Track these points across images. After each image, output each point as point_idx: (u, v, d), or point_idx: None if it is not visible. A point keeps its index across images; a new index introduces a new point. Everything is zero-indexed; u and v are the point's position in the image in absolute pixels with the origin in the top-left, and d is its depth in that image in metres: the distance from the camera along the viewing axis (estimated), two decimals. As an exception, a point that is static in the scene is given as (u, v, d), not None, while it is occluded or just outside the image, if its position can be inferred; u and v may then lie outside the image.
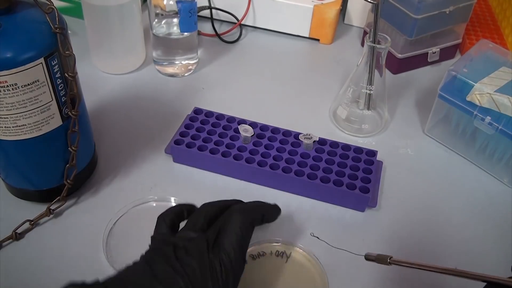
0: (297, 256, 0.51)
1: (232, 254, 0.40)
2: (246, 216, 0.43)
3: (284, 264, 0.50)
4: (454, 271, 0.34)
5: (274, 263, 0.50)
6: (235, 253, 0.40)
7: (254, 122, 0.62)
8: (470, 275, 0.32)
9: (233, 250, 0.40)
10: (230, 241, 0.41)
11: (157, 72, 0.75)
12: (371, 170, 0.57)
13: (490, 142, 0.61)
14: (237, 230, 0.41)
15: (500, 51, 0.65)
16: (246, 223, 0.43)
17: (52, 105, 0.47)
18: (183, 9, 0.67)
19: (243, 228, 0.42)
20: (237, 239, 0.41)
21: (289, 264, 0.50)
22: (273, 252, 0.51)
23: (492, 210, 0.58)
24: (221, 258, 0.40)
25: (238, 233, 0.41)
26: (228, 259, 0.40)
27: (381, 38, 0.61)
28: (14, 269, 0.49)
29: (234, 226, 0.42)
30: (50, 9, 0.45)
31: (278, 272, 0.49)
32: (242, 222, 0.42)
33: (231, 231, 0.41)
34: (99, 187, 0.57)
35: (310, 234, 0.51)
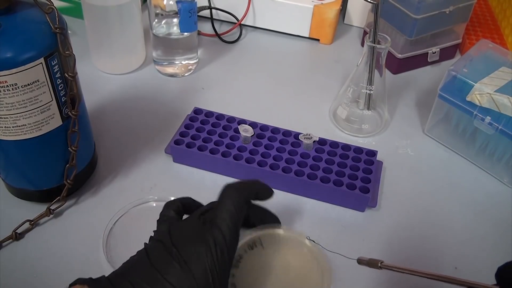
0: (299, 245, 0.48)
1: (226, 231, 0.39)
2: (239, 193, 0.41)
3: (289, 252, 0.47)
4: (442, 277, 0.35)
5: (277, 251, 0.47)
6: (229, 230, 0.39)
7: (254, 122, 0.62)
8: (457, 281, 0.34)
9: (227, 227, 0.39)
10: (223, 218, 0.40)
11: (157, 72, 0.75)
12: (371, 170, 0.57)
13: (490, 142, 0.61)
14: (230, 207, 0.40)
15: (500, 51, 0.65)
16: (240, 200, 0.41)
17: (52, 105, 0.47)
18: (183, 9, 0.67)
19: (236, 205, 0.40)
20: (230, 216, 0.40)
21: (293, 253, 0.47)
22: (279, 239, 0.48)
23: (492, 210, 0.58)
24: (215, 236, 0.39)
25: (231, 209, 0.40)
26: (222, 237, 0.39)
27: (381, 38, 0.61)
28: (14, 269, 0.49)
29: (227, 203, 0.41)
30: (50, 9, 0.45)
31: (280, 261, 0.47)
32: (236, 198, 0.41)
33: (223, 208, 0.40)
34: (99, 187, 0.57)
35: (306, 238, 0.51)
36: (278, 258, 0.46)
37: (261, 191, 0.44)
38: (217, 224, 0.39)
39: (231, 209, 0.40)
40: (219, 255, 0.38)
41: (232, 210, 0.40)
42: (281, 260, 0.46)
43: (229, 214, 0.40)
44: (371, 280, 0.50)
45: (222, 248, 0.38)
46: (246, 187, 0.43)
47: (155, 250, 0.39)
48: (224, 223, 0.39)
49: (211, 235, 0.38)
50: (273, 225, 0.47)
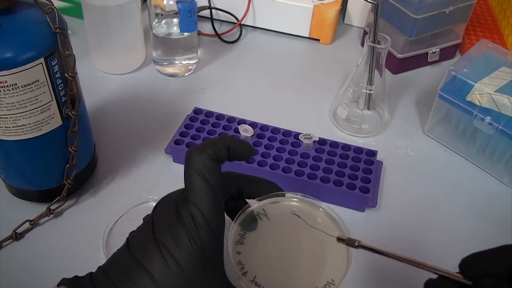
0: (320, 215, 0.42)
1: (199, 201, 0.33)
2: (203, 153, 0.35)
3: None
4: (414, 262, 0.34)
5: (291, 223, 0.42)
6: (203, 199, 0.33)
7: (254, 122, 0.62)
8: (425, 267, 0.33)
9: (200, 196, 0.33)
10: (193, 187, 0.34)
11: (157, 72, 0.75)
12: (371, 170, 0.57)
13: (490, 142, 0.61)
14: (197, 173, 0.34)
15: (500, 51, 0.65)
16: (205, 159, 0.34)
17: (52, 105, 0.47)
18: (183, 9, 0.67)
19: (204, 168, 0.34)
20: (201, 183, 0.33)
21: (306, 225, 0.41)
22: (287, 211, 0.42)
23: (492, 210, 0.58)
24: (189, 210, 0.33)
25: (199, 175, 0.34)
26: (196, 208, 0.33)
27: (381, 38, 0.61)
28: (14, 269, 0.49)
29: (192, 169, 0.34)
30: (50, 9, 0.45)
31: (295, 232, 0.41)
32: (201, 161, 0.34)
33: (190, 176, 0.34)
34: (99, 187, 0.57)
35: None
36: (288, 229, 0.41)
37: (234, 145, 0.36)
38: (188, 198, 0.34)
39: (199, 176, 0.34)
40: (200, 232, 0.32)
41: (201, 177, 0.34)
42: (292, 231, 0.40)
43: (199, 184, 0.34)
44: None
45: (203, 224, 0.33)
46: (208, 144, 0.36)
47: (135, 238, 0.35)
48: (196, 193, 0.33)
49: (186, 211, 0.33)
50: (277, 194, 0.41)
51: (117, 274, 0.33)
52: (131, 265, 0.33)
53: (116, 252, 0.36)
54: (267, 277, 0.37)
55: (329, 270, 0.38)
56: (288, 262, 0.39)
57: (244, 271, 0.37)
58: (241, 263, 0.38)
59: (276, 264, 0.38)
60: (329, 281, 0.37)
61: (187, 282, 0.32)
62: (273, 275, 0.38)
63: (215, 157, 0.35)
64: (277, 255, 0.39)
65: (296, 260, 0.39)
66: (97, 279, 0.34)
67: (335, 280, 0.37)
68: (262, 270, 0.38)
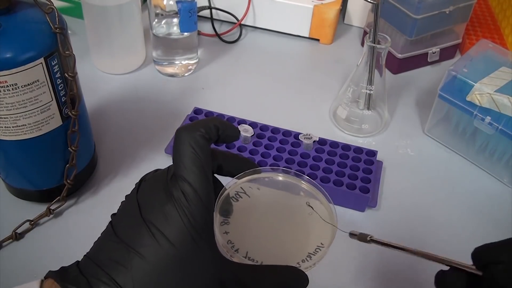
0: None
1: (191, 177, 0.33)
2: (194, 131, 0.35)
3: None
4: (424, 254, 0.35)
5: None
6: (195, 175, 0.33)
7: (254, 122, 0.62)
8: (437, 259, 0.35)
9: (191, 173, 0.33)
10: (184, 164, 0.33)
11: (157, 72, 0.75)
12: (371, 170, 0.57)
13: (490, 142, 0.61)
14: (188, 150, 0.34)
15: (500, 51, 0.65)
16: (197, 138, 0.34)
17: (52, 105, 0.47)
18: (183, 9, 0.67)
19: (195, 145, 0.34)
20: (192, 160, 0.33)
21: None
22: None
23: (492, 210, 0.58)
24: (180, 186, 0.33)
25: (190, 152, 0.34)
26: (188, 184, 0.33)
27: (381, 38, 0.61)
28: (14, 269, 0.49)
29: (183, 147, 0.34)
30: (50, 9, 0.45)
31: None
32: (192, 139, 0.34)
33: (181, 153, 0.34)
34: (99, 187, 0.57)
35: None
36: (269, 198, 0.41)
37: (223, 127, 0.37)
38: (180, 174, 0.33)
39: (191, 152, 0.34)
40: (193, 208, 0.32)
41: (192, 153, 0.34)
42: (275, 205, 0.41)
43: (190, 159, 0.33)
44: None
45: (194, 199, 0.32)
46: (199, 123, 0.36)
47: (120, 221, 0.34)
48: (188, 170, 0.33)
49: (177, 189, 0.33)
50: (253, 171, 0.41)
51: (106, 259, 0.32)
52: (121, 249, 0.32)
53: (100, 237, 0.35)
54: (259, 250, 0.37)
55: (317, 236, 0.39)
56: (276, 234, 0.39)
57: (235, 248, 0.37)
58: (230, 242, 0.37)
59: (265, 237, 0.39)
60: (319, 245, 0.38)
61: (181, 258, 0.32)
62: (264, 247, 0.38)
63: (207, 136, 0.35)
64: (264, 228, 0.39)
65: (283, 230, 0.39)
66: (85, 267, 0.33)
67: (324, 243, 0.38)
68: (252, 245, 0.38)
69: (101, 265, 0.32)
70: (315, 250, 0.38)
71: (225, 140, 0.38)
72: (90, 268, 0.32)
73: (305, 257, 0.37)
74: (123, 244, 0.32)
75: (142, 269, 0.31)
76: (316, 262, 0.37)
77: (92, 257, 0.33)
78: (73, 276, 0.32)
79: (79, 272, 0.33)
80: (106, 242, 0.34)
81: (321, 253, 0.37)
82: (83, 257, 0.34)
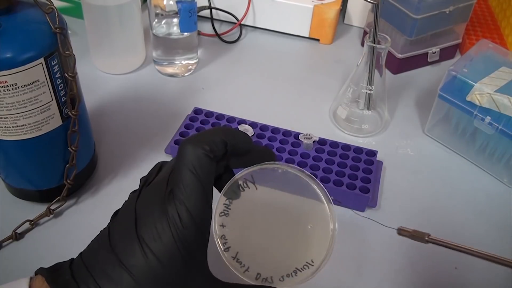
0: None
1: (188, 200, 0.31)
2: (198, 147, 0.32)
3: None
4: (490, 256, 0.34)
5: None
6: (192, 198, 0.31)
7: (254, 122, 0.62)
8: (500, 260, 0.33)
9: (189, 195, 0.31)
10: (183, 184, 0.32)
11: (157, 72, 0.75)
12: (371, 170, 0.57)
13: (490, 142, 0.61)
14: (188, 165, 0.32)
15: (500, 51, 0.65)
16: (200, 155, 0.32)
17: (52, 105, 0.47)
18: (183, 9, 0.67)
19: (197, 164, 0.32)
20: (192, 180, 0.32)
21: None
22: None
23: (492, 210, 0.58)
24: (176, 207, 0.31)
25: (191, 169, 0.32)
26: (184, 207, 0.31)
27: (381, 38, 0.61)
28: (14, 269, 0.49)
29: (184, 165, 0.32)
30: (50, 9, 0.45)
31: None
32: (195, 154, 0.32)
33: (181, 172, 0.32)
34: (99, 187, 0.57)
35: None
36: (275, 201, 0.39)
37: (233, 141, 0.34)
38: (176, 194, 0.32)
39: (192, 172, 0.32)
40: (186, 232, 0.31)
41: (193, 175, 0.32)
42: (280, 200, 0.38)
43: (190, 182, 0.32)
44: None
45: (189, 223, 0.31)
46: (205, 137, 0.34)
47: (117, 229, 0.33)
48: (186, 194, 0.31)
49: (173, 208, 0.31)
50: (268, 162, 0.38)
51: (97, 267, 0.32)
52: (111, 261, 0.32)
53: (97, 238, 0.34)
54: (249, 254, 0.36)
55: (312, 250, 0.37)
56: (272, 238, 0.38)
57: (227, 246, 0.36)
58: (224, 237, 0.36)
59: (259, 240, 0.37)
60: (309, 262, 0.36)
61: (169, 279, 0.31)
62: (255, 253, 0.37)
63: (211, 155, 0.33)
64: (261, 229, 0.38)
65: (278, 238, 0.38)
66: (77, 270, 0.33)
67: (315, 261, 0.36)
68: (244, 247, 0.36)
69: (92, 272, 0.32)
70: (303, 267, 0.36)
71: (235, 152, 0.35)
72: (82, 273, 0.32)
73: (291, 272, 0.36)
74: (114, 256, 0.32)
75: (130, 286, 0.31)
76: (299, 282, 0.35)
77: (85, 260, 0.33)
78: (64, 280, 0.32)
79: (71, 275, 0.32)
80: (100, 247, 0.33)
81: (307, 272, 0.36)
82: (77, 255, 0.34)
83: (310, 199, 0.38)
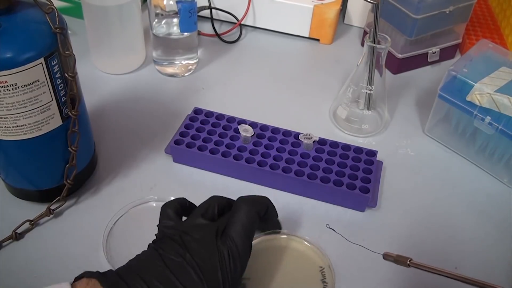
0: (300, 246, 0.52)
1: (239, 242, 0.41)
2: (251, 206, 0.44)
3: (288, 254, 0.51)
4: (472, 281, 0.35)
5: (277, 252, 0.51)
6: (242, 241, 0.41)
7: (254, 122, 0.62)
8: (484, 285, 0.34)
9: (240, 238, 0.41)
10: (237, 230, 0.41)
11: (157, 72, 0.75)
12: (371, 170, 0.57)
13: (490, 142, 0.61)
14: (243, 219, 0.42)
15: (500, 51, 0.65)
16: (252, 212, 0.43)
17: (52, 105, 0.47)
18: (183, 9, 0.67)
19: (249, 217, 0.43)
20: (243, 228, 0.42)
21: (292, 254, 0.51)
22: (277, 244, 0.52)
23: (492, 210, 0.58)
24: (228, 246, 0.40)
25: (244, 221, 0.42)
26: (235, 247, 0.40)
27: (381, 38, 0.61)
28: (14, 269, 0.49)
29: (240, 215, 0.42)
30: (50, 9, 0.45)
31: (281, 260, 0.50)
32: (248, 211, 0.43)
33: (237, 220, 0.42)
34: (99, 187, 0.57)
35: (326, 226, 0.54)
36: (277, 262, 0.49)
37: (271, 207, 0.47)
38: (231, 236, 0.41)
39: (245, 221, 0.42)
40: (232, 267, 0.40)
41: (246, 222, 0.42)
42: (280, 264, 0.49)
43: (242, 226, 0.42)
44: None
45: (235, 260, 0.40)
46: (258, 200, 0.45)
47: (167, 251, 0.40)
48: (238, 234, 0.41)
49: (225, 247, 0.40)
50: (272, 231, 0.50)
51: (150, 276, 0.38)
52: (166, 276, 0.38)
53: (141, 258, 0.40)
54: None
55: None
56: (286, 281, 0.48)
57: None
58: None
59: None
60: None
61: None
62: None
63: (260, 214, 0.45)
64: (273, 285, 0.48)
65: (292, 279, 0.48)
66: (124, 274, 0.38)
67: None
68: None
69: (145, 279, 0.37)
70: None
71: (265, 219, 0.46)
72: (132, 278, 0.37)
73: None
74: (167, 270, 0.38)
75: None
76: None
77: (135, 269, 0.38)
78: (113, 281, 0.37)
79: (119, 277, 0.37)
80: (151, 262, 0.39)
81: None
82: (118, 268, 0.39)
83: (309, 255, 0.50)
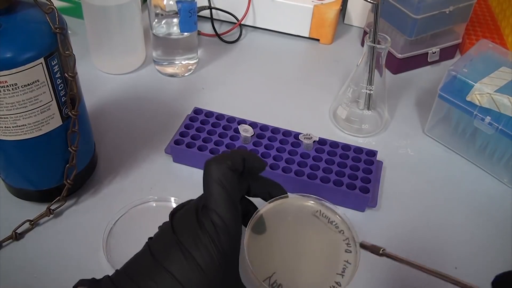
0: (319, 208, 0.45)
1: (220, 209, 0.36)
2: (221, 163, 0.37)
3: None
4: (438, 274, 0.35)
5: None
6: (223, 207, 0.36)
7: (254, 122, 0.62)
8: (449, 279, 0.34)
9: (220, 205, 0.36)
10: (213, 197, 0.36)
11: (157, 72, 0.75)
12: (371, 170, 0.57)
13: (490, 142, 0.61)
14: (216, 182, 0.36)
15: (500, 51, 0.65)
16: (224, 170, 0.37)
17: (52, 105, 0.47)
18: (183, 9, 0.67)
19: (222, 177, 0.36)
20: (220, 191, 0.36)
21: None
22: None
23: (492, 210, 0.58)
24: (210, 217, 0.35)
25: (218, 185, 0.36)
26: (217, 215, 0.35)
27: (381, 38, 0.61)
28: (14, 269, 0.49)
29: (211, 179, 0.36)
30: (50, 9, 0.45)
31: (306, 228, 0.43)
32: (219, 171, 0.37)
33: (210, 186, 0.36)
34: (99, 187, 0.57)
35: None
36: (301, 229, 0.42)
37: (250, 158, 0.40)
38: (209, 206, 0.36)
39: (218, 184, 0.36)
40: (221, 237, 0.35)
41: (220, 185, 0.36)
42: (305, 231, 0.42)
43: (218, 190, 0.36)
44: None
45: (222, 229, 0.35)
46: (226, 156, 0.38)
47: (156, 242, 0.37)
48: (216, 202, 0.36)
49: (207, 219, 0.36)
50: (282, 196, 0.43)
51: (138, 274, 0.35)
52: (153, 266, 0.35)
53: (135, 255, 0.38)
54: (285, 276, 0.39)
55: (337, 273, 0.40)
56: (300, 262, 0.41)
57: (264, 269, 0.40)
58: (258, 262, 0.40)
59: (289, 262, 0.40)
60: (335, 284, 0.39)
61: (207, 282, 0.34)
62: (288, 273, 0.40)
63: (233, 168, 0.38)
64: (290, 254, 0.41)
65: (306, 259, 0.41)
66: (117, 279, 0.36)
67: (342, 283, 0.39)
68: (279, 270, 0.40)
69: (133, 277, 0.35)
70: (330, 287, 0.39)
71: (251, 172, 0.40)
72: (123, 281, 0.35)
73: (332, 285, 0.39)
74: (155, 261, 0.35)
75: (170, 285, 0.34)
76: None
77: (125, 271, 0.36)
78: (105, 286, 0.35)
79: (112, 284, 0.35)
80: (140, 259, 0.37)
81: None
82: (114, 271, 0.37)
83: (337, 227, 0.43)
